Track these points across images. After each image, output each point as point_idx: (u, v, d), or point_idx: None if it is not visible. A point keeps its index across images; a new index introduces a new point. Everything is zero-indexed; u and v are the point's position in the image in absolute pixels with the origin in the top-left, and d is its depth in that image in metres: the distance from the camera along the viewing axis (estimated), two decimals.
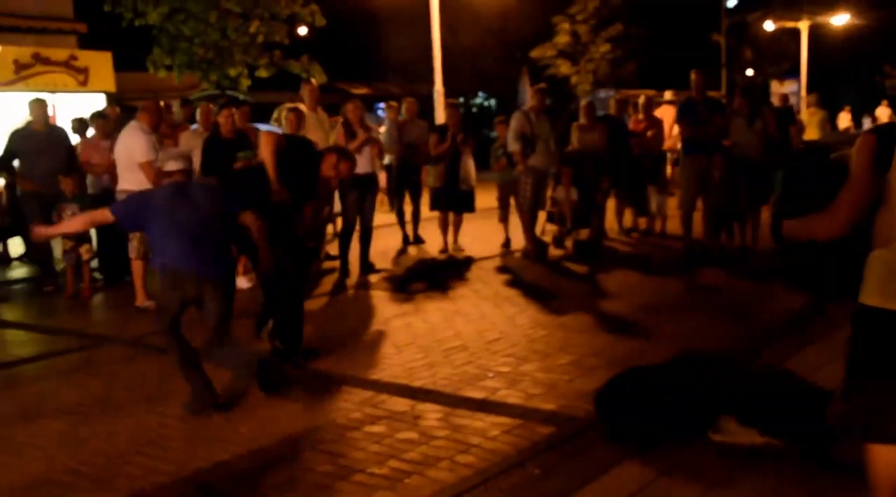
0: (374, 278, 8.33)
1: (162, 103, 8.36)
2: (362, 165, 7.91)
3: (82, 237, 7.91)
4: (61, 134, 8.50)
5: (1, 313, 7.66)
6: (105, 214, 4.78)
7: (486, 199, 10.54)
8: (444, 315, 6.73)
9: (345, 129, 8.08)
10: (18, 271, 9.76)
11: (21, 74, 14.76)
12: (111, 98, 15.15)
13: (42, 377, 5.62)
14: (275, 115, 9.96)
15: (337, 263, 8.52)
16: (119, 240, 7.67)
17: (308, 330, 5.86)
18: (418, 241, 10.30)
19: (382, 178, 9.97)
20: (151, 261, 4.89)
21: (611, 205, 10.26)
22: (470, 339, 5.95)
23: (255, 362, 4.68)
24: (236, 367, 4.75)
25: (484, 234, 10.42)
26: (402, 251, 9.96)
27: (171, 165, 4.76)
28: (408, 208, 10.36)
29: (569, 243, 9.54)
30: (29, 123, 8.37)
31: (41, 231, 5.08)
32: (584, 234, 9.49)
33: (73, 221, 5.55)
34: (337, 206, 9.08)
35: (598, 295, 7.34)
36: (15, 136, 8.25)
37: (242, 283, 7.82)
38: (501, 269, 8.69)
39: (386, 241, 10.18)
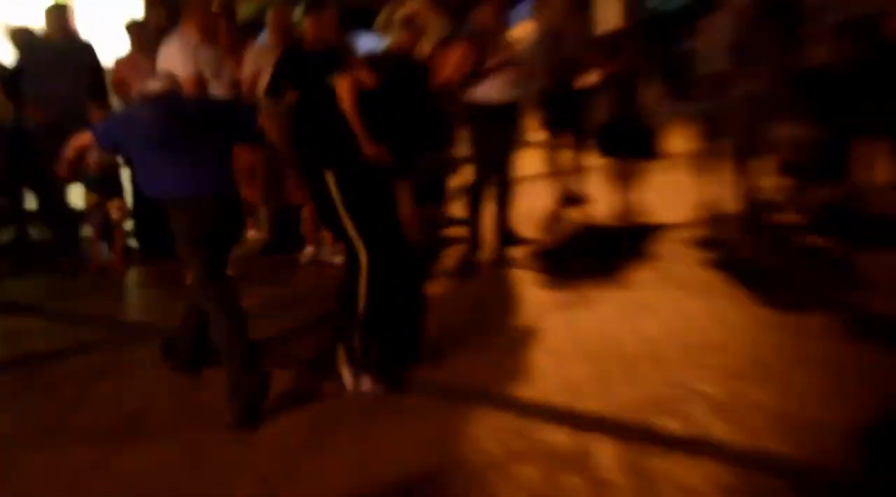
0: (517, 252, 8.35)
1: (218, 3, 8.50)
2: (499, 90, 7.88)
3: (111, 189, 8.17)
4: (86, 47, 8.78)
5: (8, 291, 8.00)
6: (86, 138, 5.48)
7: (676, 140, 10.35)
8: (622, 308, 6.68)
9: (474, 42, 8.01)
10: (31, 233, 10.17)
11: None
12: None
13: (61, 382, 5.81)
14: (380, 18, 9.97)
15: (463, 231, 8.52)
16: None
17: (426, 326, 5.90)
18: (578, 199, 10.18)
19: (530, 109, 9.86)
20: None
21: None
22: (660, 345, 5.88)
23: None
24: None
25: (676, 189, 10.22)
26: (558, 214, 9.89)
27: (153, 86, 5.43)
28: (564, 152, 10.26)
29: (811, 205, 9.25)
30: (46, 35, 8.68)
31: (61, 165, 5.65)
32: (833, 191, 9.17)
33: (66, 155, 5.86)
34: (462, 148, 9.06)
35: (854, 285, 7.09)
36: (19, 44, 8.60)
37: (328, 255, 7.96)
38: (704, 243, 8.57)
39: (534, 198, 10.13)
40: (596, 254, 8.31)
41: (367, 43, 7.48)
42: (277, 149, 8.01)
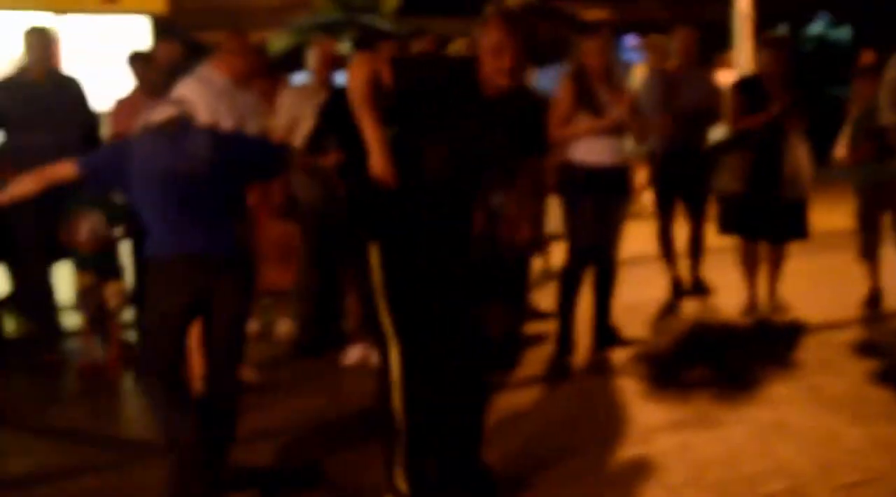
0: (618, 355, 8.35)
1: (253, 39, 8.64)
2: (603, 152, 7.96)
3: (108, 268, 8.25)
4: (74, 88, 8.91)
5: None
6: (67, 169, 5.56)
7: (828, 214, 10.32)
8: (753, 431, 6.64)
9: (575, 87, 8.12)
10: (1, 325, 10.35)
11: None
12: (162, 26, 15.84)
13: None
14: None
15: (550, 326, 8.57)
16: None
17: (496, 448, 5.94)
18: (700, 288, 10.23)
19: (640, 173, 9.95)
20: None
21: None
22: (803, 480, 5.84)
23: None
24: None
25: (827, 278, 10.19)
26: (671, 307, 9.94)
27: (160, 115, 5.58)
28: (682, 229, 10.34)
29: None
30: (22, 70, 8.85)
31: None
32: None
33: (23, 182, 5.93)
34: (553, 223, 9.11)
35: None
36: (1, 92, 8.72)
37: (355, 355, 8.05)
38: (863, 348, 8.52)
39: (642, 287, 10.19)
40: (719, 360, 8.29)
41: None
42: (315, 217, 8.19)
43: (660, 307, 9.88)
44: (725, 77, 12.17)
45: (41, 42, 8.74)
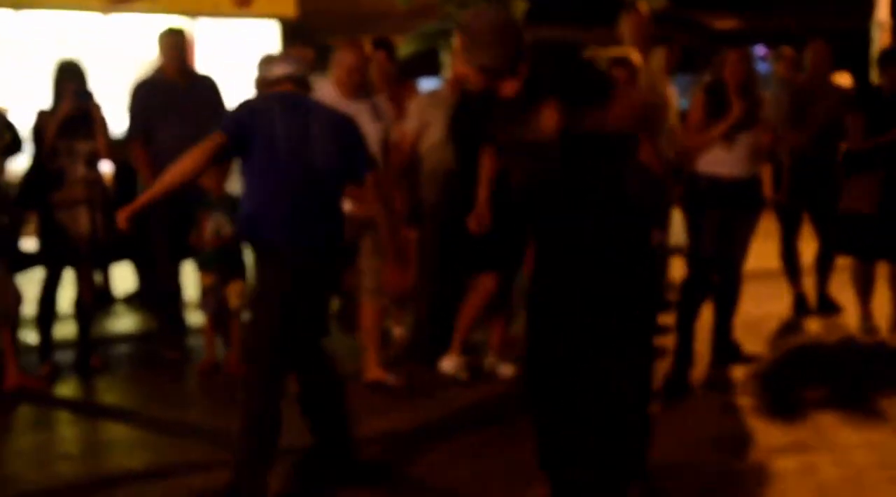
0: (738, 372, 8.24)
1: (368, 46, 8.64)
2: (731, 163, 7.83)
3: (230, 268, 8.29)
4: (209, 88, 8.99)
5: (98, 393, 8.19)
6: (215, 139, 5.47)
7: None
8: (881, 456, 6.49)
9: (708, 99, 7.96)
10: (126, 321, 10.43)
11: None
12: (291, 30, 15.96)
13: None
14: None
15: (669, 341, 8.43)
16: None
17: None
18: (828, 305, 10.04)
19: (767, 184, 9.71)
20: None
21: None
22: None
23: None
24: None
25: None
26: (794, 324, 9.80)
27: (279, 70, 5.58)
28: (808, 246, 10.16)
29: None
30: (158, 71, 8.93)
31: (122, 214, 5.70)
32: None
33: (175, 168, 5.70)
34: (676, 234, 9.00)
35: None
36: (139, 92, 8.86)
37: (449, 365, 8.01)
38: None
39: (765, 302, 10.07)
40: (841, 379, 8.15)
41: None
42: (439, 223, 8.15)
43: (781, 324, 9.71)
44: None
45: (176, 43, 8.91)
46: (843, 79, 13.41)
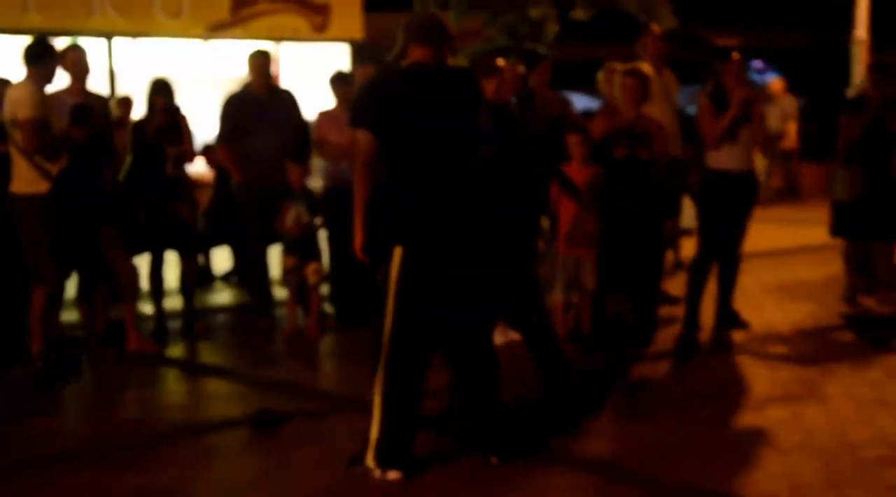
0: (738, 336, 8.22)
1: None
2: (735, 159, 7.83)
3: (309, 252, 8.37)
4: (289, 101, 9.05)
5: (201, 355, 8.31)
6: (363, 138, 5.38)
7: None
8: (860, 404, 6.49)
9: (710, 101, 7.93)
10: (224, 295, 10.55)
11: (239, 14, 15.83)
12: (359, 50, 15.96)
13: (249, 449, 6.04)
14: (599, 77, 10.05)
15: (678, 309, 8.45)
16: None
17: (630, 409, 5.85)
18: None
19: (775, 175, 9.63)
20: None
21: None
22: None
23: None
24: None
25: None
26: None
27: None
28: (817, 231, 10.03)
29: None
30: (246, 86, 9.00)
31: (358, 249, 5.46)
32: None
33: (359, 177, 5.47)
34: (686, 219, 8.96)
35: None
36: (229, 103, 8.91)
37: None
38: None
39: (761, 274, 10.03)
40: (828, 340, 8.13)
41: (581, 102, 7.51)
42: None
43: (775, 294, 9.69)
44: None
45: (262, 62, 8.92)
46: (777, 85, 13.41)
